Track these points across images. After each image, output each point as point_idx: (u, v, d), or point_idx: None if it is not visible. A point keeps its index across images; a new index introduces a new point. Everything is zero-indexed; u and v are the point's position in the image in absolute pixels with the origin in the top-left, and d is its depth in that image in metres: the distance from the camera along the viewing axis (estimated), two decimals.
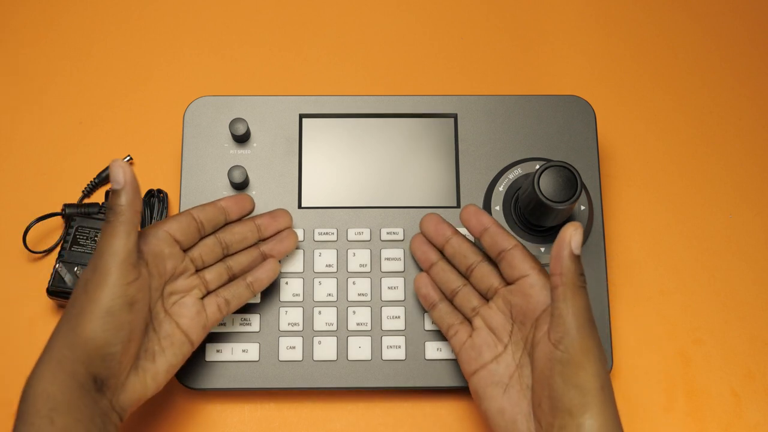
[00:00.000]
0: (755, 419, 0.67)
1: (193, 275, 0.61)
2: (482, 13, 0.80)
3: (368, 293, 0.66)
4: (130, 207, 0.54)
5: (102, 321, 0.53)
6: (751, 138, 0.76)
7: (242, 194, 0.65)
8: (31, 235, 0.71)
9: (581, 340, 0.53)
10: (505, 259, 0.59)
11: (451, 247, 0.63)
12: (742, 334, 0.70)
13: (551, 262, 0.55)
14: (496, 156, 0.69)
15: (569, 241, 0.54)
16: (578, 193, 0.60)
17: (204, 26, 0.79)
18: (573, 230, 0.54)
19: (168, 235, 0.59)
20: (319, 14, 0.79)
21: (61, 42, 0.78)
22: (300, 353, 0.65)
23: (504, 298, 0.60)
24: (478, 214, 0.62)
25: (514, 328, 0.59)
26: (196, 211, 0.61)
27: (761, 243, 0.72)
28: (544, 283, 0.58)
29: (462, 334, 0.61)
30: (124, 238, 0.54)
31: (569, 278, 0.54)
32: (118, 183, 0.54)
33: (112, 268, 0.53)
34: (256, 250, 0.64)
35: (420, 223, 0.65)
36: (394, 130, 0.70)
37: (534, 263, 0.59)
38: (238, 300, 0.62)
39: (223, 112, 0.70)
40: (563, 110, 0.70)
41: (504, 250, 0.60)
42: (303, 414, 0.67)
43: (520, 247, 0.60)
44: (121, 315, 0.54)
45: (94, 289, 0.53)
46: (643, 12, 0.80)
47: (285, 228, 0.65)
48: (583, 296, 0.54)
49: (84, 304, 0.53)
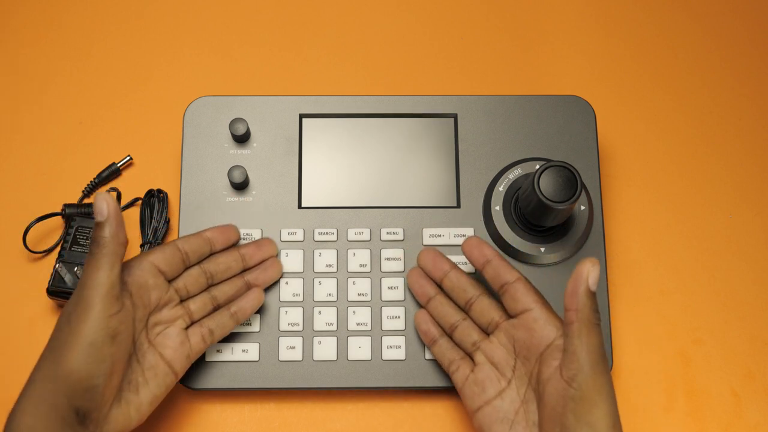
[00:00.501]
0: (755, 419, 0.67)
1: (177, 305, 0.61)
2: (482, 13, 0.80)
3: (368, 293, 0.66)
4: (113, 239, 0.54)
5: (85, 353, 0.53)
6: (751, 138, 0.76)
7: (228, 225, 0.65)
8: (31, 235, 0.71)
9: (595, 377, 0.53)
10: (507, 292, 0.59)
11: (450, 281, 0.62)
12: (742, 334, 0.70)
13: (566, 297, 0.54)
14: (496, 156, 0.69)
15: (586, 277, 0.53)
16: (578, 193, 0.60)
17: (204, 26, 0.79)
18: (591, 266, 0.53)
19: (152, 266, 0.59)
20: (319, 14, 0.79)
21: (61, 42, 0.78)
22: (300, 353, 0.65)
23: (506, 332, 0.59)
24: (481, 246, 0.61)
25: (518, 363, 0.59)
26: (181, 242, 0.62)
27: (761, 243, 0.72)
28: (547, 317, 0.57)
29: (464, 369, 0.61)
30: (107, 270, 0.54)
31: (585, 315, 0.53)
32: (101, 215, 0.54)
33: (95, 301, 0.53)
34: (241, 279, 0.64)
35: (417, 257, 0.65)
36: (394, 130, 0.70)
37: (537, 296, 0.58)
38: (222, 330, 0.62)
39: (223, 112, 0.70)
40: (563, 110, 0.70)
41: (507, 282, 0.59)
42: (303, 414, 0.67)
43: (522, 279, 0.59)
44: (103, 347, 0.53)
45: (77, 322, 0.53)
46: (643, 12, 0.80)
47: (270, 257, 0.65)
48: (598, 333, 0.53)
49: (67, 337, 0.53)
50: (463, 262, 0.66)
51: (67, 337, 0.53)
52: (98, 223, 0.55)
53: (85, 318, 0.53)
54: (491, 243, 0.67)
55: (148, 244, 0.69)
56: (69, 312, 0.54)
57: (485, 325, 0.61)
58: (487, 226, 0.67)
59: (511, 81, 0.77)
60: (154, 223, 0.69)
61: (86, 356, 0.53)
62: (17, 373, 0.67)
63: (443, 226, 0.68)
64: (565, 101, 0.71)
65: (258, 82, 0.77)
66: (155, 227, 0.69)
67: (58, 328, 0.55)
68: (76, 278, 0.66)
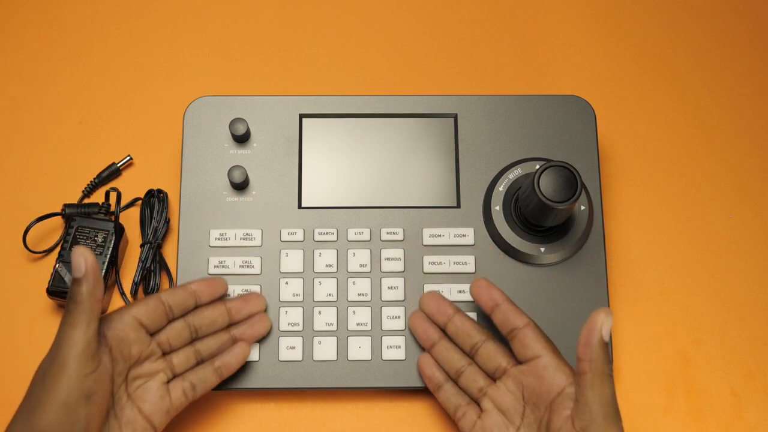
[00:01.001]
0: (755, 419, 0.67)
1: (159, 359, 0.60)
2: (482, 13, 0.80)
3: (368, 293, 0.66)
4: (90, 296, 0.53)
5: (57, 414, 0.52)
6: (751, 138, 0.76)
7: (215, 277, 0.63)
8: (31, 235, 0.71)
9: (607, 429, 0.53)
10: (517, 338, 0.59)
11: (454, 326, 0.62)
12: (742, 334, 0.70)
13: (579, 347, 0.53)
14: (496, 156, 0.69)
15: (600, 328, 0.52)
16: (578, 193, 0.60)
17: (204, 26, 0.79)
18: (605, 317, 0.53)
19: (134, 319, 0.58)
20: (319, 14, 0.79)
21: (61, 42, 0.78)
22: (300, 353, 0.65)
23: (515, 378, 0.59)
24: (489, 289, 0.61)
25: (527, 410, 0.58)
26: (165, 294, 0.60)
27: (761, 243, 0.72)
28: (557, 364, 0.57)
29: (470, 416, 0.60)
30: (83, 328, 0.53)
31: (598, 366, 0.53)
32: (78, 271, 0.53)
33: (70, 360, 0.53)
34: (226, 333, 0.63)
35: (420, 301, 0.64)
36: (394, 130, 0.70)
37: (547, 343, 0.58)
38: (204, 385, 0.61)
39: (223, 112, 0.70)
40: (563, 110, 0.70)
41: (516, 328, 0.59)
42: (303, 414, 0.67)
43: (532, 325, 0.59)
44: (77, 408, 0.53)
45: (51, 381, 0.53)
46: (643, 12, 0.80)
47: (257, 312, 0.64)
48: (610, 385, 0.53)
49: (40, 395, 0.52)
50: (455, 262, 0.67)
51: (40, 395, 0.52)
52: (75, 279, 0.54)
53: (59, 377, 0.52)
54: (491, 243, 0.67)
55: (148, 244, 0.69)
56: (44, 369, 0.53)
57: (492, 371, 0.60)
58: (487, 226, 0.68)
59: (511, 81, 0.77)
60: (154, 223, 0.69)
61: (58, 416, 0.52)
62: (17, 373, 0.67)
63: (443, 226, 0.68)
64: (565, 101, 0.71)
65: (258, 82, 0.77)
66: (155, 227, 0.69)
67: (33, 384, 0.54)
68: None
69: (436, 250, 0.67)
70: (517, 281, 0.67)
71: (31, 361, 0.68)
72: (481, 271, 0.67)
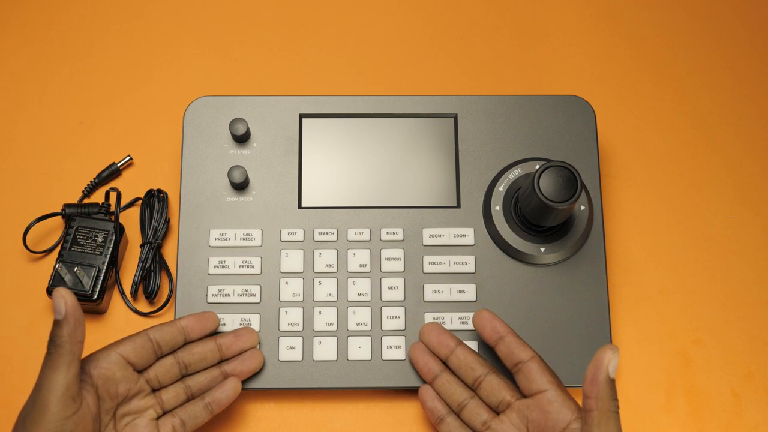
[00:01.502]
0: (755, 419, 0.67)
1: (148, 395, 0.59)
2: (482, 13, 0.80)
3: (368, 293, 0.66)
4: (70, 338, 0.53)
5: None
6: (751, 138, 0.76)
7: (206, 312, 0.63)
8: (31, 235, 0.71)
9: None
10: (521, 371, 0.58)
11: (456, 359, 0.61)
12: (742, 334, 0.70)
13: (585, 384, 0.53)
14: (496, 156, 0.69)
15: (607, 365, 0.52)
16: (578, 193, 0.60)
17: (204, 26, 0.79)
18: (611, 354, 0.52)
19: (120, 357, 0.58)
20: (319, 14, 0.79)
21: (61, 42, 0.78)
22: (300, 353, 0.65)
23: (519, 412, 0.59)
24: (493, 321, 0.60)
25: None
26: (153, 331, 0.60)
27: (761, 243, 0.72)
28: (563, 399, 0.57)
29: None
30: (64, 371, 0.53)
31: (604, 404, 0.52)
32: (59, 313, 0.53)
33: (50, 404, 0.52)
34: (217, 369, 0.62)
35: (420, 332, 0.64)
36: (394, 130, 0.70)
37: (552, 377, 0.58)
38: (194, 421, 0.61)
39: (223, 112, 0.70)
40: (563, 110, 0.70)
41: (521, 361, 0.59)
42: (303, 414, 0.67)
43: (537, 358, 0.59)
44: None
45: (31, 425, 0.52)
46: (643, 12, 0.80)
47: (249, 347, 0.63)
48: (616, 422, 0.53)
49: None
50: (455, 262, 0.67)
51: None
52: (56, 322, 0.53)
53: (39, 422, 0.52)
54: (491, 243, 0.67)
55: (148, 244, 0.69)
56: (24, 415, 0.53)
57: (495, 405, 0.60)
58: (487, 226, 0.68)
59: (511, 81, 0.77)
60: (154, 223, 0.69)
61: None
62: (17, 373, 0.67)
63: (443, 226, 0.68)
64: (565, 101, 0.71)
65: (258, 82, 0.77)
66: (155, 227, 0.69)
67: (15, 429, 0.53)
68: (76, 278, 0.66)
69: (436, 250, 0.67)
70: (517, 281, 0.67)
71: (30, 361, 0.68)
72: (481, 270, 0.67)
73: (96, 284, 0.66)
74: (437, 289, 0.66)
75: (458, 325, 0.66)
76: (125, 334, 0.67)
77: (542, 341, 0.65)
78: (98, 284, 0.66)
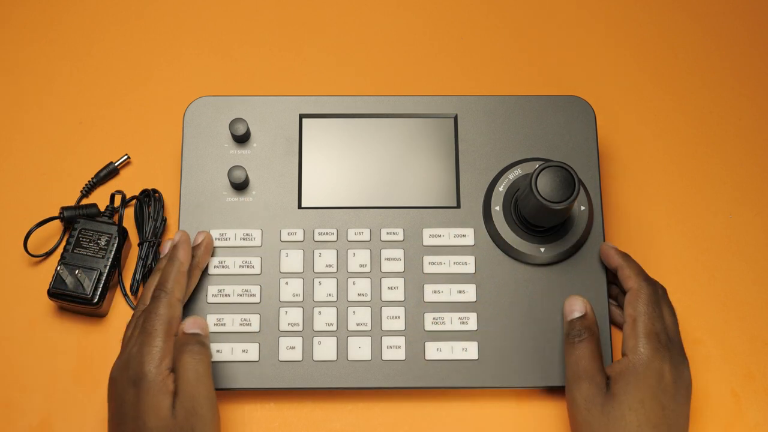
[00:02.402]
0: (755, 419, 0.67)
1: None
2: (482, 13, 0.80)
3: (368, 293, 0.66)
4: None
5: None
6: (751, 138, 0.76)
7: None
8: (31, 237, 0.71)
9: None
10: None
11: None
12: (742, 334, 0.70)
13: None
14: (496, 156, 0.69)
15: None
16: (576, 193, 0.60)
17: (204, 26, 0.79)
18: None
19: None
20: (319, 14, 0.79)
21: (61, 42, 0.78)
22: (300, 353, 0.65)
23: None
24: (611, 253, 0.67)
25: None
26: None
27: (761, 243, 0.72)
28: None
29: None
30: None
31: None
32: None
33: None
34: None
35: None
36: (394, 130, 0.70)
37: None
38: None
39: (223, 112, 0.70)
40: (563, 110, 0.70)
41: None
42: (303, 414, 0.67)
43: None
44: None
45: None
46: (643, 12, 0.80)
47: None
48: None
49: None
50: (455, 262, 0.67)
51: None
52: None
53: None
54: (491, 243, 0.67)
55: (146, 242, 0.69)
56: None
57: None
58: (487, 226, 0.68)
59: (511, 81, 0.77)
60: (152, 222, 0.69)
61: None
62: (17, 374, 0.67)
63: (443, 226, 0.68)
64: (565, 101, 0.71)
65: (258, 82, 0.77)
66: (154, 225, 0.69)
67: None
68: (77, 281, 0.66)
69: (436, 250, 0.67)
70: (517, 281, 0.67)
71: (30, 361, 0.68)
72: (481, 271, 0.67)
73: (97, 288, 0.66)
74: (437, 290, 0.66)
75: (458, 325, 0.66)
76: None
77: (542, 341, 0.65)
78: (99, 287, 0.66)
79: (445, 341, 0.65)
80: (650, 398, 0.58)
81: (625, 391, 0.58)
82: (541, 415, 0.67)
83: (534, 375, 0.65)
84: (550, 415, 0.67)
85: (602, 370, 0.60)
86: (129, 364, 0.57)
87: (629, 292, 0.63)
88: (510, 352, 0.65)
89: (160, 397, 0.56)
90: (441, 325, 0.66)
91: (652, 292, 0.62)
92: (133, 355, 0.58)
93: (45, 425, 0.66)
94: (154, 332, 0.58)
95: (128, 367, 0.57)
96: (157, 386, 0.56)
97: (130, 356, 0.58)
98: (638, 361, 0.59)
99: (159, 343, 0.58)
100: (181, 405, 0.56)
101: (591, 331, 0.62)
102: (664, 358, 0.59)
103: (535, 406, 0.67)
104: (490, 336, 0.66)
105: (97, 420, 0.66)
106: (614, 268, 0.65)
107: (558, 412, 0.67)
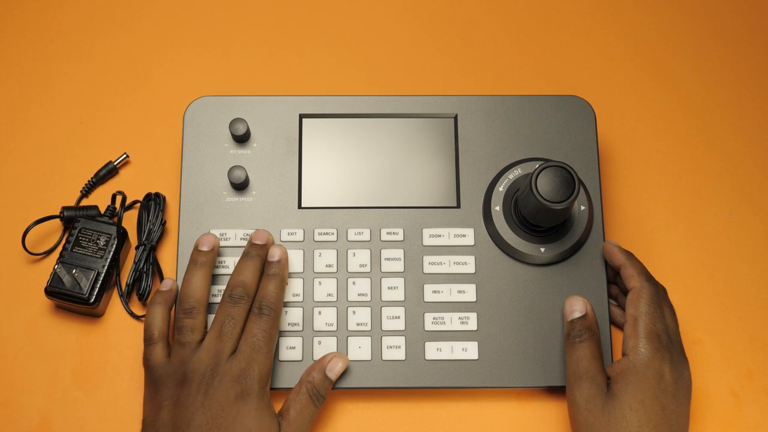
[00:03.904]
0: (755, 419, 0.67)
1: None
2: (482, 13, 0.80)
3: (368, 293, 0.67)
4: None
5: None
6: (751, 138, 0.76)
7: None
8: (30, 236, 0.71)
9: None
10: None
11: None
12: (742, 334, 0.70)
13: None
14: (496, 156, 0.69)
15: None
16: (576, 193, 0.60)
17: (204, 26, 0.79)
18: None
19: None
20: (319, 14, 0.79)
21: (61, 42, 0.78)
22: (300, 353, 0.65)
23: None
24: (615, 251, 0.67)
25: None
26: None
27: (761, 243, 0.72)
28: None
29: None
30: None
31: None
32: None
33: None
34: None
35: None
36: (394, 130, 0.70)
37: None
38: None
39: (223, 112, 0.70)
40: (563, 110, 0.70)
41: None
42: None
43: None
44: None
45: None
46: (643, 12, 0.80)
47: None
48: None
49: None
50: (455, 262, 0.67)
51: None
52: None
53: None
54: (491, 243, 0.67)
55: (142, 246, 0.68)
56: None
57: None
58: (487, 226, 0.68)
59: (511, 81, 0.77)
60: (149, 226, 0.69)
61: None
62: (17, 373, 0.67)
63: (443, 226, 0.68)
64: (565, 101, 0.71)
65: (258, 82, 0.77)
66: (150, 229, 0.69)
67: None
68: (74, 280, 0.66)
69: (436, 250, 0.67)
70: (517, 281, 0.67)
71: (30, 361, 0.68)
72: (481, 271, 0.67)
73: (94, 288, 0.66)
74: (437, 290, 0.66)
75: (458, 325, 0.66)
76: (122, 336, 0.67)
77: (542, 341, 0.65)
78: (96, 287, 0.66)
79: (445, 341, 0.65)
80: (651, 398, 0.58)
81: (625, 391, 0.58)
82: (541, 415, 0.67)
83: (534, 375, 0.65)
84: (550, 415, 0.67)
85: (603, 371, 0.60)
86: (245, 374, 0.59)
87: (631, 291, 0.63)
88: (510, 352, 0.65)
89: (270, 422, 0.59)
90: (441, 325, 0.66)
91: (654, 292, 0.62)
92: (251, 369, 0.60)
93: (45, 425, 0.66)
94: (270, 353, 0.61)
95: (245, 376, 0.59)
96: (268, 410, 0.60)
97: (248, 368, 0.60)
98: (639, 361, 0.59)
99: (270, 364, 0.61)
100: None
101: (591, 331, 0.62)
102: (665, 358, 0.59)
103: (535, 406, 0.67)
104: (490, 336, 0.66)
105: (97, 419, 0.66)
106: (617, 266, 0.65)
107: (558, 412, 0.67)
